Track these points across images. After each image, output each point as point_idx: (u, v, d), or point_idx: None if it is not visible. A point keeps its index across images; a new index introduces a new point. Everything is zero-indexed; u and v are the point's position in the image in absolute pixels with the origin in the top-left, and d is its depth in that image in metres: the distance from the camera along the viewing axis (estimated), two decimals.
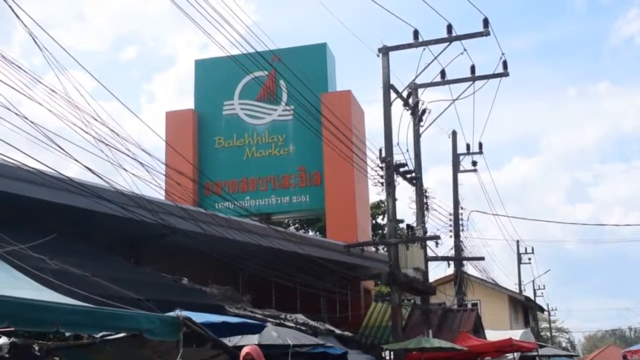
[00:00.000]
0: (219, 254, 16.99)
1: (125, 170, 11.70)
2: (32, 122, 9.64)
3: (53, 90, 10.39)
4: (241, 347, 11.52)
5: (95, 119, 10.95)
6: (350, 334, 22.44)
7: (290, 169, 28.57)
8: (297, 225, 39.03)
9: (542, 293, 59.46)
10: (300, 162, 28.52)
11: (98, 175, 11.38)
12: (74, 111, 10.62)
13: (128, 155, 11.67)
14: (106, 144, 11.13)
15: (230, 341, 10.17)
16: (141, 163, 12.31)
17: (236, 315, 13.94)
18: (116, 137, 11.47)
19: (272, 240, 18.72)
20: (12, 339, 8.25)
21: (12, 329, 7.27)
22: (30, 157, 10.02)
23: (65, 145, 10.25)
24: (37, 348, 8.61)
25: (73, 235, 13.36)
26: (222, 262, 17.54)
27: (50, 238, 10.63)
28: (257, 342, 13.25)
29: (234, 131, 29.35)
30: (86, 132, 10.71)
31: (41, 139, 9.80)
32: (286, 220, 35.68)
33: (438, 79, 23.00)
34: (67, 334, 8.19)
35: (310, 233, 36.00)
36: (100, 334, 7.81)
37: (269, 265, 19.25)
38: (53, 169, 11.48)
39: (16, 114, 9.38)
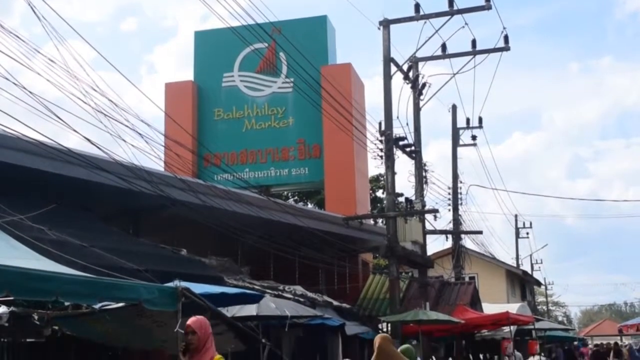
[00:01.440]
0: (218, 226, 17.03)
1: (125, 141, 11.70)
2: (31, 92, 9.63)
3: (52, 61, 10.37)
4: (240, 317, 11.63)
5: (95, 90, 10.93)
6: (348, 306, 22.56)
7: (289, 141, 28.55)
8: (296, 197, 39.10)
9: (539, 267, 59.74)
10: (299, 134, 28.48)
11: (97, 146, 11.39)
12: (73, 82, 10.60)
13: (127, 127, 11.66)
14: (105, 115, 11.12)
15: (229, 311, 10.24)
16: (140, 134, 12.31)
17: (235, 286, 14.02)
18: (115, 108, 11.47)
19: (271, 213, 18.78)
20: (12, 308, 8.30)
21: (12, 298, 7.32)
22: (30, 127, 10.03)
23: (65, 116, 10.25)
24: (36, 317, 8.67)
25: (72, 206, 13.40)
26: (221, 233, 17.59)
27: (49, 209, 10.67)
28: (255, 313, 13.35)
29: (233, 103, 29.29)
30: (85, 103, 10.70)
31: (40, 110, 9.80)
32: (285, 193, 35.74)
33: (439, 52, 22.90)
34: (66, 304, 8.24)
35: (309, 205, 36.07)
36: (100, 304, 7.86)
37: (268, 237, 19.31)
38: (52, 140, 11.50)
39: (15, 84, 9.37)
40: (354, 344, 21.73)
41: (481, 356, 20.87)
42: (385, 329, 22.83)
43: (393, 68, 21.17)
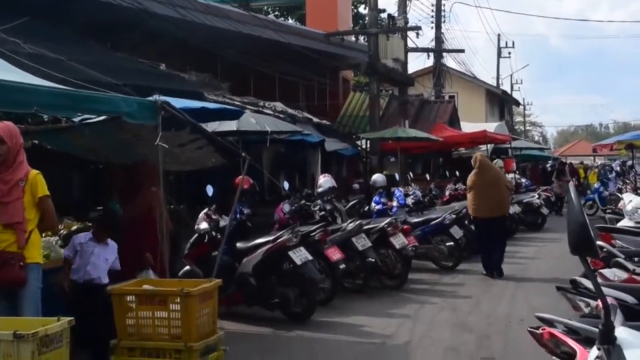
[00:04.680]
0: (197, 41, 16.77)
1: None
2: None
3: None
4: (220, 132, 11.69)
5: None
6: (328, 123, 22.74)
7: None
8: (276, 12, 38.32)
9: (519, 87, 60.28)
10: None
11: None
12: None
13: None
14: None
15: (209, 127, 10.26)
16: None
17: (214, 102, 13.97)
18: None
19: (252, 28, 18.45)
20: None
21: None
22: None
23: None
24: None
25: (47, 19, 13.03)
26: (200, 49, 17.35)
27: (22, 21, 10.38)
28: (235, 128, 13.43)
29: None
30: None
31: None
32: (265, 7, 34.96)
33: None
34: (45, 117, 8.21)
35: (290, 21, 35.43)
36: (80, 118, 7.83)
37: (248, 53, 19.08)
38: None
39: None
40: (333, 160, 22.13)
41: (457, 173, 21.33)
42: (364, 146, 23.18)
43: None
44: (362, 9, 39.03)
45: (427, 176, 21.11)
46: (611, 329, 2.63)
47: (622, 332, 2.69)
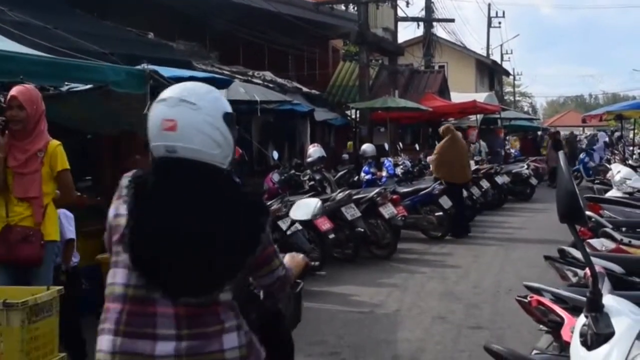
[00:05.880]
0: (186, 9, 16.63)
1: None
2: None
3: None
4: None
5: None
6: (317, 92, 22.66)
7: None
8: None
9: (509, 58, 60.21)
10: None
11: None
12: None
13: None
14: None
15: None
16: None
17: (203, 71, 13.89)
18: None
19: None
20: None
21: None
22: None
23: None
24: (2, 100, 8.58)
25: None
26: (189, 17, 17.21)
27: None
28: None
29: None
30: None
31: None
32: None
33: None
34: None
35: None
36: (67, 87, 7.77)
37: (237, 22, 18.94)
38: None
39: None
40: (323, 129, 22.10)
41: None
42: (353, 116, 23.15)
43: None
44: None
45: (417, 146, 21.12)
46: (599, 296, 2.64)
47: (609, 300, 2.70)
